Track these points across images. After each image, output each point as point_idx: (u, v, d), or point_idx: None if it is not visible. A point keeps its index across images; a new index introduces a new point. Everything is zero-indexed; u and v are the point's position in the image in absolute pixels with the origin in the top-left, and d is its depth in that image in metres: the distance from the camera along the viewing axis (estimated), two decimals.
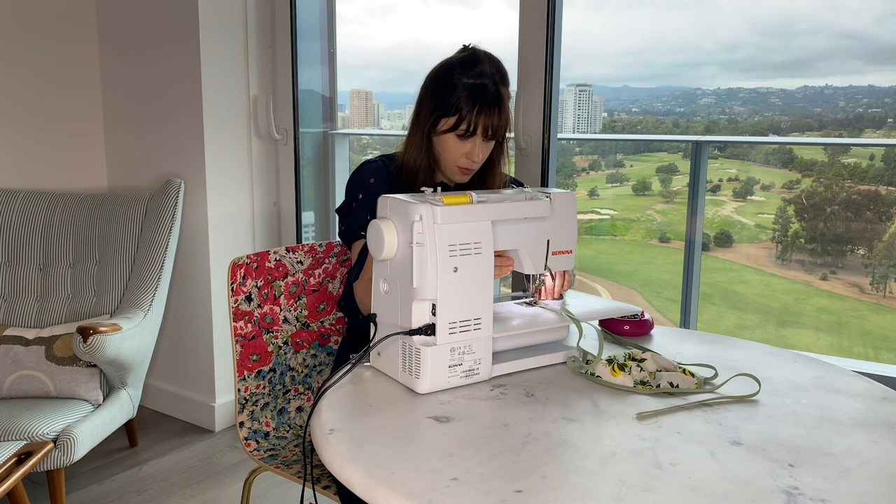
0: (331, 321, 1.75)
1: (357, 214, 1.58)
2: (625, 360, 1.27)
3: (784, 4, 2.42)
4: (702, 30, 2.60)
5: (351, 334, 1.68)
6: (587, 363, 1.29)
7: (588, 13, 2.68)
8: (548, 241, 1.35)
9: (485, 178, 1.64)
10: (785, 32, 2.45)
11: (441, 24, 2.95)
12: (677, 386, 1.21)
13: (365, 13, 3.14)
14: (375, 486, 0.89)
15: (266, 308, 1.62)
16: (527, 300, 1.45)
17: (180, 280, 2.82)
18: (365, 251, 1.55)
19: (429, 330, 1.18)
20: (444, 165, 1.57)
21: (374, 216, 1.29)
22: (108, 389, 2.31)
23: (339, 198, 3.03)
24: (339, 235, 1.65)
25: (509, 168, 1.69)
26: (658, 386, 1.21)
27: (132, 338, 2.20)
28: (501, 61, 1.57)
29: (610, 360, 1.27)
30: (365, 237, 1.55)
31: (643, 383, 1.22)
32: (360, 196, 1.57)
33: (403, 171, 1.59)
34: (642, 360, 1.27)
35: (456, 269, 1.18)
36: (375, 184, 1.57)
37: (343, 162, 3.04)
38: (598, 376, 1.25)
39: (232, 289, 1.56)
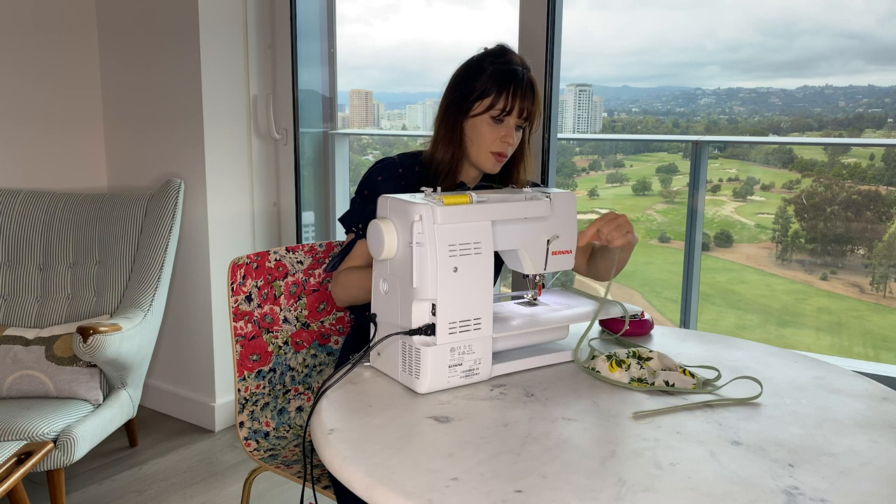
0: (331, 321, 1.75)
1: (354, 209, 1.61)
2: (626, 357, 1.27)
3: (786, 4, 2.42)
4: (704, 30, 2.60)
5: (354, 333, 1.68)
6: (593, 359, 1.29)
7: (589, 13, 2.67)
8: (548, 241, 1.35)
9: (507, 176, 1.63)
10: (787, 32, 2.45)
11: (444, 23, 2.95)
12: (673, 385, 1.21)
13: (367, 13, 3.14)
14: (375, 486, 0.89)
15: (266, 308, 1.62)
16: (527, 300, 1.45)
17: (180, 280, 2.82)
18: (350, 244, 1.58)
19: (429, 330, 1.18)
20: (476, 154, 1.55)
21: (372, 213, 1.29)
22: (108, 389, 2.31)
23: (339, 198, 3.04)
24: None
25: (531, 169, 1.66)
26: (653, 384, 1.21)
27: (132, 338, 2.20)
28: None
29: (610, 356, 1.27)
30: (356, 232, 1.58)
31: (639, 380, 1.22)
32: (365, 192, 1.59)
33: (431, 168, 1.58)
34: (648, 358, 1.27)
35: (456, 269, 1.18)
36: (382, 181, 1.58)
37: (343, 162, 3.04)
38: (597, 371, 1.25)
39: (232, 289, 1.56)
